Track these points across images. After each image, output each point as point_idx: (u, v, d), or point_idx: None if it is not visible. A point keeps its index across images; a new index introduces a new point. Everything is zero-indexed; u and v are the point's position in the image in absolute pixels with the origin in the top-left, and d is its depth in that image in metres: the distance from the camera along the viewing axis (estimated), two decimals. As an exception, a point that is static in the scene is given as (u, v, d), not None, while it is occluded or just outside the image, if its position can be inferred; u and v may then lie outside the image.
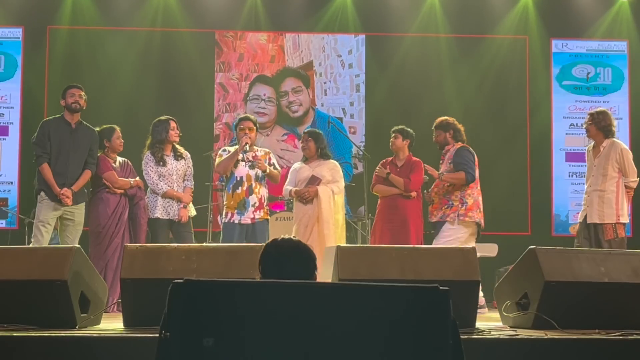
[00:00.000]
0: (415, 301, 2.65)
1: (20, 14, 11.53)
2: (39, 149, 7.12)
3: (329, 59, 11.77)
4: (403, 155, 7.50)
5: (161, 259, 4.58)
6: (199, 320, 2.62)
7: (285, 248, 3.11)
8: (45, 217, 7.04)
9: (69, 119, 7.23)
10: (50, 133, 7.14)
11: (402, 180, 7.24)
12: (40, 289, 4.46)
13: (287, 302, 2.62)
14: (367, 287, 2.65)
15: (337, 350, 2.58)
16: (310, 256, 3.11)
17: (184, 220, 7.44)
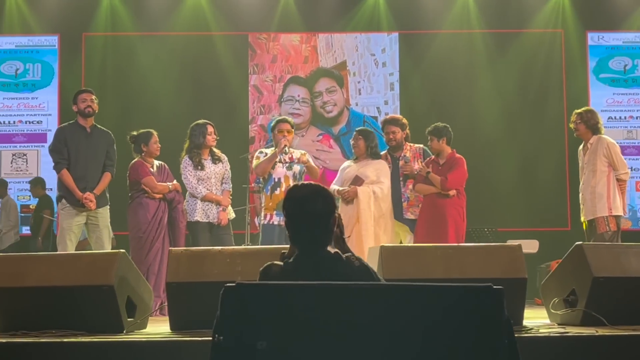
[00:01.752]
0: (468, 300, 2.62)
1: (55, 22, 11.66)
2: (57, 156, 7.09)
3: (362, 58, 11.75)
4: (445, 153, 7.42)
5: (206, 263, 4.59)
6: (252, 323, 2.61)
7: (306, 189, 3.18)
8: (69, 225, 6.99)
9: (83, 124, 7.19)
10: (67, 139, 7.11)
11: (440, 179, 7.18)
12: (87, 294, 4.49)
13: (341, 304, 2.61)
14: (420, 287, 2.63)
15: (391, 351, 2.57)
16: (330, 195, 3.18)
17: (224, 223, 7.45)
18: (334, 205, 3.22)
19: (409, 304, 2.61)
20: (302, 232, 3.17)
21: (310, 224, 3.14)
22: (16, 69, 11.71)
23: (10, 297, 4.56)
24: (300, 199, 3.19)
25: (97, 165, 7.10)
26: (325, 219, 3.17)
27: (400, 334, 2.59)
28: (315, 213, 3.14)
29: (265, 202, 7.57)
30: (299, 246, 3.23)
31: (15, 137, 11.66)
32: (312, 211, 3.14)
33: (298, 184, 3.33)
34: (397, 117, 8.02)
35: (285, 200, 3.25)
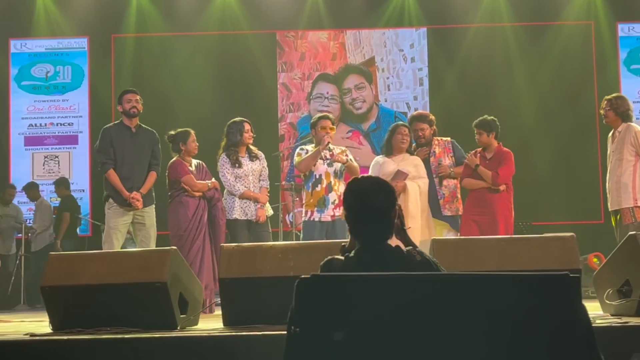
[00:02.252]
0: (544, 289, 2.61)
1: (84, 25, 11.74)
2: (103, 156, 7.13)
3: (390, 54, 11.75)
4: (492, 148, 7.35)
5: (258, 258, 4.60)
6: (328, 314, 2.62)
7: (366, 183, 3.17)
8: (116, 224, 7.05)
9: (128, 124, 7.23)
10: (113, 139, 7.14)
11: (490, 174, 7.11)
12: (140, 291, 4.51)
13: (416, 295, 2.61)
14: (495, 276, 2.62)
15: (467, 342, 2.56)
16: (390, 189, 3.15)
17: (262, 221, 7.46)
18: (395, 198, 3.20)
19: (485, 294, 2.60)
20: (363, 226, 3.15)
21: (371, 218, 3.13)
22: (46, 71, 11.80)
23: (64, 295, 4.59)
24: (361, 193, 3.18)
25: (143, 165, 7.14)
26: (386, 212, 3.15)
27: (478, 325, 2.58)
28: (376, 207, 3.12)
29: (306, 199, 7.55)
30: (359, 240, 3.22)
31: (46, 139, 11.75)
32: (373, 205, 3.12)
33: (358, 177, 3.32)
34: (425, 114, 7.99)
35: (345, 193, 3.25)
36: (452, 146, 7.67)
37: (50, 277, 4.65)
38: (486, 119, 7.34)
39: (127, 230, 7.17)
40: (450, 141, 7.71)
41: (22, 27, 11.77)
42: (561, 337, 2.57)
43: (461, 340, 2.59)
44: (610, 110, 7.15)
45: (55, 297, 4.62)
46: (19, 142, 11.72)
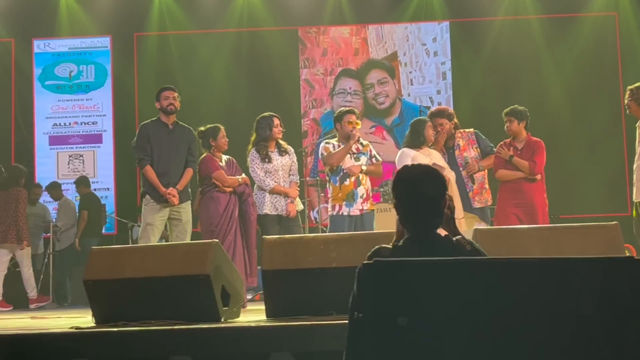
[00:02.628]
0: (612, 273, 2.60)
1: (107, 24, 11.78)
2: (141, 152, 7.16)
3: (413, 48, 11.73)
4: (522, 137, 7.32)
5: (300, 250, 4.60)
6: (392, 299, 2.61)
7: (416, 171, 3.14)
8: (153, 220, 7.07)
9: (165, 121, 7.26)
10: (150, 136, 7.18)
11: (527, 164, 7.07)
12: (184, 284, 4.53)
13: (482, 279, 2.60)
14: (567, 260, 2.61)
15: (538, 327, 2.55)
16: (441, 178, 3.13)
17: (293, 215, 7.44)
18: (445, 187, 3.18)
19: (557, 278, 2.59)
20: (412, 215, 3.12)
21: (420, 207, 3.10)
22: (70, 71, 11.85)
23: (108, 289, 4.61)
24: (410, 181, 3.16)
25: (180, 161, 7.17)
26: (436, 201, 3.12)
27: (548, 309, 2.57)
28: (426, 195, 3.10)
29: (333, 193, 7.53)
30: (408, 229, 3.18)
31: (71, 138, 11.80)
32: (423, 193, 3.10)
33: (408, 166, 3.31)
34: (443, 109, 7.93)
35: (394, 182, 3.23)
36: (476, 137, 7.62)
37: (93, 271, 4.67)
38: (517, 107, 7.31)
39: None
40: (473, 132, 7.66)
41: (45, 27, 11.83)
42: (631, 320, 2.56)
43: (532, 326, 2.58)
44: (632, 101, 6.98)
45: (98, 291, 4.64)
46: (44, 141, 11.77)
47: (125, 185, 11.69)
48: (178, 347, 3.81)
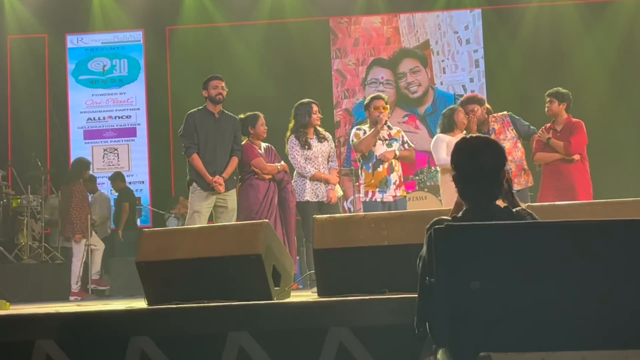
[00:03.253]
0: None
1: (139, 18, 11.83)
2: (188, 141, 7.22)
3: (445, 37, 11.69)
4: (561, 119, 7.30)
5: (351, 228, 4.60)
6: (464, 264, 2.62)
7: (476, 142, 3.15)
8: (200, 207, 7.14)
9: (212, 109, 7.33)
10: (197, 124, 7.24)
11: (562, 144, 7.07)
12: (236, 264, 4.55)
13: (551, 241, 2.59)
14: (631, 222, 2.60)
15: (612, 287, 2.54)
16: (500, 148, 3.12)
17: (334, 201, 7.44)
18: (505, 158, 3.17)
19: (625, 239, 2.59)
20: (471, 186, 3.10)
21: (480, 176, 3.08)
22: (103, 65, 11.92)
23: (161, 270, 4.64)
24: (469, 152, 3.14)
25: (225, 150, 7.23)
26: (495, 171, 3.10)
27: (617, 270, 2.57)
28: (485, 165, 3.08)
29: (366, 179, 7.52)
30: (467, 200, 3.16)
31: (105, 132, 11.88)
32: (482, 163, 3.09)
33: (467, 137, 3.29)
34: (472, 95, 7.94)
35: (454, 153, 3.21)
36: (511, 119, 7.59)
37: (145, 253, 4.70)
38: (560, 89, 7.30)
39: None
40: (507, 115, 7.63)
41: (78, 22, 11.91)
42: None
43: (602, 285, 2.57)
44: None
45: (150, 272, 4.68)
46: (79, 136, 11.86)
47: (160, 178, 11.76)
48: (236, 324, 3.82)
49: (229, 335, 3.80)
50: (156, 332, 3.81)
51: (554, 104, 7.24)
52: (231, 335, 3.79)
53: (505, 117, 7.52)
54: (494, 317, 2.58)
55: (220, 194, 7.14)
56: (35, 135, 11.74)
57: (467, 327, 2.59)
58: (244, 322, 3.86)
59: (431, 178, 9.84)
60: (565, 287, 2.57)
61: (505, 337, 2.57)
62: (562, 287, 2.58)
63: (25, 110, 11.80)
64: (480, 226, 2.68)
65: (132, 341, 3.80)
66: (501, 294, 2.59)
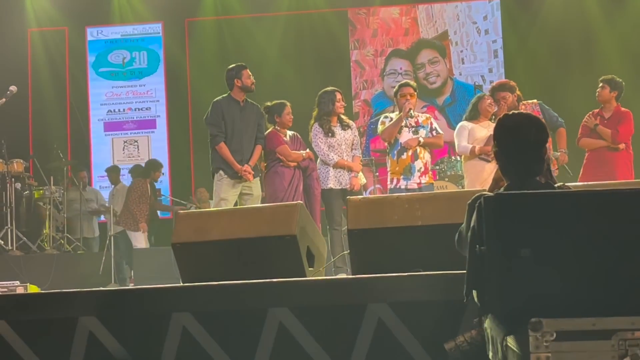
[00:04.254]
0: None
1: (158, 10, 11.90)
2: (215, 129, 7.25)
3: (463, 27, 11.71)
4: (610, 107, 7.31)
5: (385, 209, 4.64)
6: (514, 232, 2.65)
7: (519, 117, 3.19)
8: (226, 195, 7.18)
9: (237, 98, 7.36)
10: (224, 112, 7.28)
11: (610, 132, 7.08)
12: (270, 245, 4.60)
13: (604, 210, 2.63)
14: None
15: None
16: (542, 125, 3.16)
17: (357, 189, 7.49)
18: (547, 134, 3.19)
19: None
20: (514, 161, 3.12)
21: (523, 151, 3.10)
22: (123, 57, 11.99)
23: (196, 251, 4.70)
24: (512, 128, 3.17)
25: (250, 138, 7.28)
26: (538, 147, 3.12)
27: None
28: (528, 140, 3.11)
29: (391, 166, 7.57)
30: (510, 175, 3.17)
31: (125, 124, 11.95)
32: (525, 139, 3.11)
33: (509, 113, 3.32)
34: (505, 82, 7.91)
35: (496, 129, 3.24)
36: (541, 108, 7.58)
37: (180, 234, 4.76)
38: (615, 77, 7.31)
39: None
40: (537, 103, 7.62)
41: (97, 14, 11.98)
42: None
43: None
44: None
45: (186, 253, 4.73)
46: (99, 128, 11.94)
47: (180, 169, 11.82)
48: (276, 300, 3.87)
49: (269, 311, 3.84)
50: (197, 308, 3.85)
51: (606, 89, 7.24)
52: (271, 311, 3.84)
53: (535, 105, 7.52)
54: (544, 284, 2.62)
55: (247, 182, 7.19)
56: (56, 128, 11.82)
57: (518, 293, 2.62)
58: (284, 298, 3.90)
59: (452, 167, 9.86)
60: (613, 252, 2.61)
61: (556, 303, 2.60)
62: (610, 253, 2.61)
63: (46, 102, 11.89)
64: (530, 194, 2.72)
65: (173, 317, 3.85)
66: (551, 261, 2.63)
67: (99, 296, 3.97)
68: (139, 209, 9.99)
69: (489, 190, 3.37)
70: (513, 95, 7.52)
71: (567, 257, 2.63)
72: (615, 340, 2.48)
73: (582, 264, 2.63)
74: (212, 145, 7.33)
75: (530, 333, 2.51)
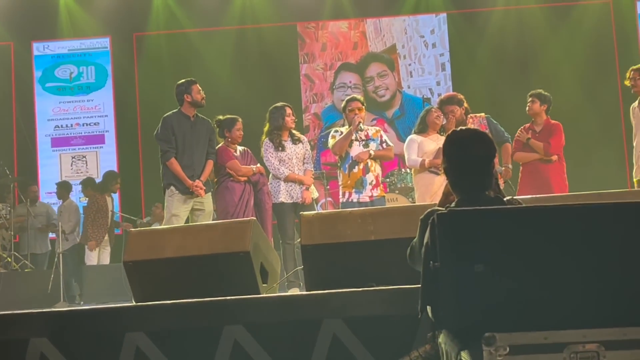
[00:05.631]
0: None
1: (106, 25, 11.80)
2: (165, 145, 7.20)
3: (411, 41, 11.83)
4: (541, 120, 7.45)
5: (338, 224, 4.67)
6: (468, 247, 2.69)
7: (468, 133, 3.26)
8: (178, 211, 7.12)
9: (188, 113, 7.32)
10: (174, 128, 7.23)
11: (542, 145, 7.22)
12: (224, 262, 4.59)
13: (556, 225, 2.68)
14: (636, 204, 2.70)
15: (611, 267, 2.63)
16: (489, 139, 3.22)
17: (308, 202, 7.50)
18: (495, 149, 3.26)
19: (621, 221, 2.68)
20: (464, 176, 3.18)
21: (472, 167, 3.16)
22: (70, 72, 11.86)
23: (148, 269, 4.66)
24: (461, 144, 3.23)
25: (202, 153, 7.23)
26: (487, 162, 3.19)
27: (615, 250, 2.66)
28: (477, 156, 3.17)
29: (342, 180, 7.62)
30: (460, 190, 3.23)
31: (73, 139, 11.81)
32: (474, 154, 3.17)
33: (457, 129, 3.38)
34: (453, 95, 8.01)
35: (445, 145, 3.29)
36: (488, 122, 7.68)
37: (133, 252, 4.72)
38: (542, 91, 7.45)
39: None
40: (485, 117, 7.72)
41: (43, 29, 11.84)
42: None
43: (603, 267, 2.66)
44: (639, 79, 7.03)
45: (139, 271, 4.69)
46: (46, 143, 11.78)
47: (129, 185, 11.71)
48: (231, 318, 3.86)
49: (224, 329, 3.83)
50: (151, 328, 3.82)
51: (536, 104, 7.38)
52: (226, 329, 3.83)
53: (483, 119, 7.62)
54: (498, 298, 2.66)
55: (198, 197, 7.16)
56: (3, 144, 11.63)
57: (472, 308, 2.66)
58: (239, 315, 3.89)
59: (402, 180, 9.95)
60: (565, 267, 2.66)
61: (509, 318, 2.64)
62: (562, 267, 2.66)
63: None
64: (482, 210, 2.76)
65: (127, 337, 3.81)
66: (504, 276, 2.67)
67: (50, 317, 3.92)
68: (93, 226, 9.84)
69: (439, 205, 3.42)
70: (461, 108, 7.61)
71: (520, 272, 2.68)
72: (567, 353, 2.53)
73: (534, 278, 2.67)
74: (162, 161, 7.28)
75: (484, 347, 2.54)
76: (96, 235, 9.99)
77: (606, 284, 2.64)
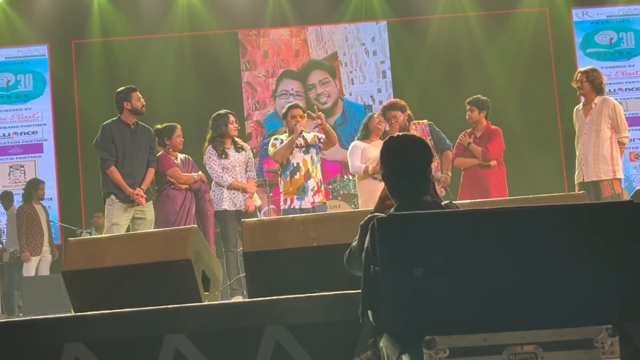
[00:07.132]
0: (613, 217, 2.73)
1: (44, 32, 11.63)
2: (105, 153, 7.12)
3: (352, 48, 11.89)
4: (481, 126, 7.54)
5: (280, 231, 4.66)
6: (407, 251, 2.71)
7: (405, 139, 3.29)
8: (118, 220, 7.05)
9: (128, 121, 7.25)
10: (114, 136, 7.16)
11: (481, 150, 7.31)
12: (165, 270, 4.55)
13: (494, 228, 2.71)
14: (572, 207, 2.75)
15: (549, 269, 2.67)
16: (426, 145, 3.27)
17: (251, 210, 7.49)
18: (432, 154, 3.31)
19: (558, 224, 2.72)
20: (401, 181, 3.21)
21: (409, 172, 3.20)
22: (7, 80, 11.65)
23: (87, 279, 4.60)
24: (398, 149, 3.26)
25: (142, 161, 7.16)
26: (424, 166, 3.23)
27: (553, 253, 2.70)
28: (414, 161, 3.21)
29: (284, 187, 7.62)
30: (398, 196, 3.26)
31: (11, 149, 11.59)
32: (411, 159, 3.21)
33: (394, 136, 3.40)
34: (395, 101, 8.08)
35: (382, 151, 3.31)
36: (430, 129, 7.75)
37: (71, 261, 4.65)
38: (479, 97, 7.55)
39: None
40: (427, 124, 7.79)
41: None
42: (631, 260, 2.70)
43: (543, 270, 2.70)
44: (586, 82, 7.00)
45: (78, 281, 4.63)
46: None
47: (69, 194, 11.54)
48: (172, 326, 3.83)
49: (165, 338, 3.79)
50: (91, 338, 3.77)
51: (474, 112, 7.47)
52: (167, 337, 3.79)
53: (425, 126, 7.69)
54: (437, 302, 2.68)
55: (139, 205, 7.09)
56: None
57: (412, 312, 2.67)
58: (180, 324, 3.86)
59: (344, 187, 9.98)
60: (502, 269, 2.70)
61: (448, 321, 2.67)
62: (499, 270, 2.70)
63: None
64: (421, 214, 2.79)
65: (66, 348, 3.75)
66: (443, 279, 2.69)
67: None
68: (27, 237, 9.71)
69: (375, 209, 3.44)
70: (404, 114, 7.67)
71: (459, 275, 2.70)
72: (506, 354, 2.56)
73: (472, 280, 2.70)
74: (102, 170, 7.19)
75: (425, 351, 2.56)
76: (30, 245, 9.79)
77: (543, 285, 2.68)
